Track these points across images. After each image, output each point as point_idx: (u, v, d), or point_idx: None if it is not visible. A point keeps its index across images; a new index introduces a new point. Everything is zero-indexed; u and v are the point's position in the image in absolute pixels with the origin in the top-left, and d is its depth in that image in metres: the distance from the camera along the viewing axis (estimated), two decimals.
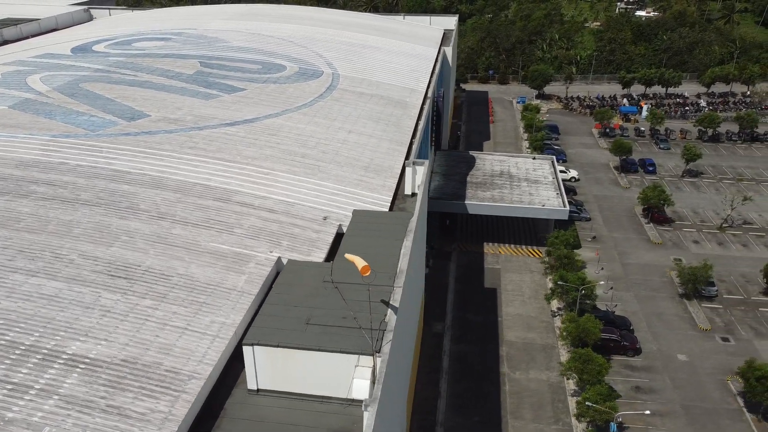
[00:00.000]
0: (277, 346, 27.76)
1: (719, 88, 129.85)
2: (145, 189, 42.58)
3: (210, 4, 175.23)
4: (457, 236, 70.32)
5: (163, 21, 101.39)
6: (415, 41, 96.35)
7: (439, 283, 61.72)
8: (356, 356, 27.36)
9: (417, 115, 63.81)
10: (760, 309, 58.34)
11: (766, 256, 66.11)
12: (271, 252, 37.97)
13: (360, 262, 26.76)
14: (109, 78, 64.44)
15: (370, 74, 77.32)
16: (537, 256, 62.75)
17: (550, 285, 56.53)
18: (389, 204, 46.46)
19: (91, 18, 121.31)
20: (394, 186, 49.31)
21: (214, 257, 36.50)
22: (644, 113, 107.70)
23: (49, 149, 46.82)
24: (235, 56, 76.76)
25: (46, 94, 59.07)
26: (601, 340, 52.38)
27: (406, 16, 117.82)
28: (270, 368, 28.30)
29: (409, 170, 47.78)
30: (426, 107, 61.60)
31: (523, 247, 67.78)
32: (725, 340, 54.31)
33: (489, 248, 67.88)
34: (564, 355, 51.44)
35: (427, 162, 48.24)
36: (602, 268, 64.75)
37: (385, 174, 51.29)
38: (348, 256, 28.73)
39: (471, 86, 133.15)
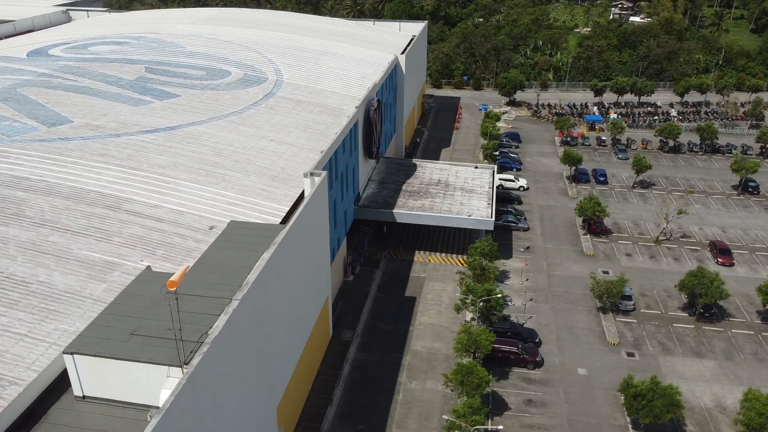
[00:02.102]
0: (95, 356, 28.93)
1: (695, 97, 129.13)
2: (37, 196, 43.97)
3: (194, 6, 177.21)
4: (390, 243, 71.08)
5: (131, 24, 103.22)
6: (377, 48, 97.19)
7: (361, 290, 62.56)
8: (166, 367, 28.42)
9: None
10: (673, 324, 58.46)
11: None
12: (141, 261, 39.19)
13: (177, 277, 27.70)
14: (49, 83, 65.96)
15: (316, 82, 78.35)
16: (465, 265, 63.33)
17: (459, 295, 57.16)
18: (284, 214, 47.47)
19: (69, 19, 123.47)
20: (296, 196, 50.31)
21: (81, 265, 37.80)
22: (621, 121, 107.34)
23: None
24: (183, 62, 78.17)
25: None
26: (501, 352, 53.06)
27: (376, 22, 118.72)
28: (92, 376, 29.49)
29: (307, 181, 48.74)
30: (351, 116, 62.44)
31: (453, 256, 68.37)
32: (630, 355, 54.56)
33: (419, 256, 68.54)
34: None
35: (324, 173, 49.15)
36: (527, 279, 65.22)
37: (292, 184, 52.31)
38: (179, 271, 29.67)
39: (445, 92, 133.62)
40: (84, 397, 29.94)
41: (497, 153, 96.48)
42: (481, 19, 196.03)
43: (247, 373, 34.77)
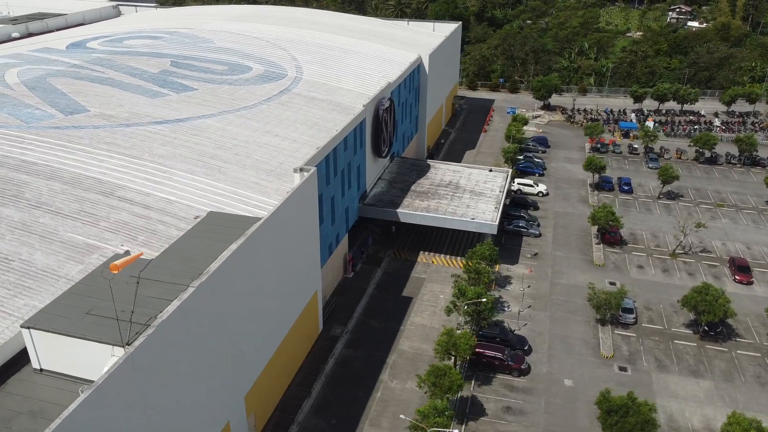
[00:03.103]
0: (49, 331, 30.59)
1: (744, 107, 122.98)
2: (39, 179, 46.55)
3: (236, 3, 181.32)
4: (396, 243, 71.24)
5: (171, 20, 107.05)
6: (405, 47, 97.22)
7: (359, 287, 63.00)
8: (110, 346, 29.76)
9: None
10: (675, 341, 56.17)
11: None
12: (121, 246, 40.97)
13: (120, 262, 28.99)
14: (78, 74, 69.43)
15: (335, 80, 79.29)
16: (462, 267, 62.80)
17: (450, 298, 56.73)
18: (274, 209, 48.36)
19: (119, 14, 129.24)
20: (287, 191, 51.14)
21: (63, 246, 39.87)
22: (655, 129, 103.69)
23: None
24: (208, 57, 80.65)
25: (11, 87, 64.51)
26: (486, 357, 52.40)
27: (410, 22, 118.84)
28: (47, 350, 31.21)
29: (296, 176, 49.65)
30: (356, 114, 62.99)
31: (457, 258, 67.90)
32: (623, 369, 52.80)
33: (423, 257, 68.38)
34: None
35: (313, 169, 49.95)
36: (528, 286, 64.04)
37: (286, 178, 53.23)
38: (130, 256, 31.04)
39: (479, 94, 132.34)
40: (41, 370, 31.70)
41: (521, 157, 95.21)
42: (530, 21, 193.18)
43: (207, 358, 35.79)
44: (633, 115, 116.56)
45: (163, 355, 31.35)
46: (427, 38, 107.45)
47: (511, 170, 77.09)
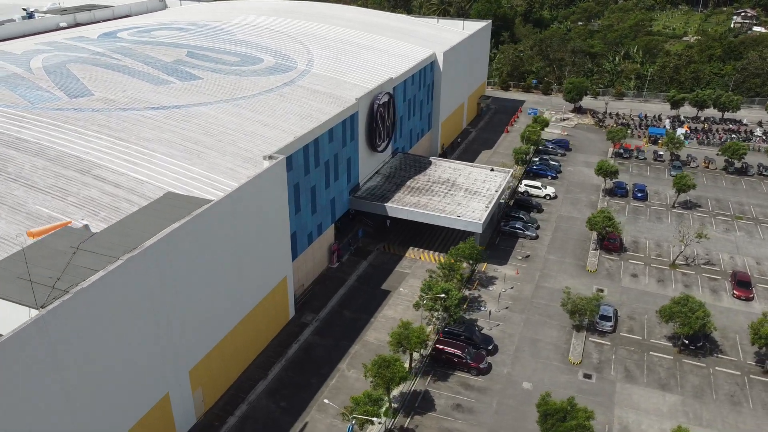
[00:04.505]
0: None
1: None
2: (25, 156, 49.89)
3: None
4: (388, 238, 71.63)
5: (205, 13, 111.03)
6: (427, 45, 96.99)
7: (340, 278, 63.77)
8: (27, 308, 31.92)
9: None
10: (650, 352, 53.93)
11: (701, 300, 60.59)
12: (81, 220, 43.44)
13: (37, 230, 31.10)
14: (97, 61, 73.46)
15: (343, 74, 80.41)
16: (469, 266, 62.46)
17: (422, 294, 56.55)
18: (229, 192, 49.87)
19: (164, 7, 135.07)
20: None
21: (27, 217, 42.68)
22: (680, 136, 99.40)
23: None
24: (224, 48, 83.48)
25: (32, 71, 69.06)
26: (445, 354, 52.05)
27: (439, 20, 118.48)
28: None
29: (266, 163, 51.04)
30: (346, 107, 63.81)
31: (444, 255, 67.58)
32: (587, 377, 51.16)
33: (412, 253, 68.41)
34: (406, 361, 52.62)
35: (282, 157, 51.22)
36: (511, 287, 62.97)
37: (262, 166, 54.71)
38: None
39: (510, 94, 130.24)
40: None
41: (537, 159, 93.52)
42: (581, 23, 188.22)
43: (139, 330, 37.52)
44: (667, 121, 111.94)
45: (82, 321, 33.25)
46: (452, 36, 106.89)
47: (513, 171, 75.80)
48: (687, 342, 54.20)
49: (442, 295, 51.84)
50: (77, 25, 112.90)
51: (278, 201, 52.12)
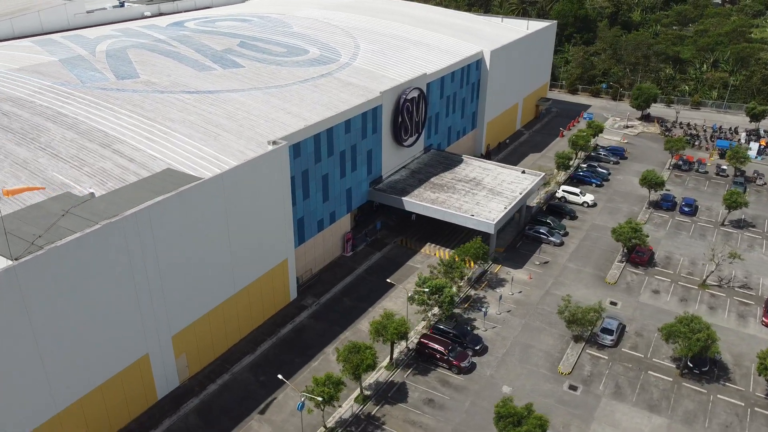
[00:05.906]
0: None
1: None
2: (60, 128, 55.03)
3: None
4: (409, 232, 71.99)
5: (275, 5, 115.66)
6: (482, 43, 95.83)
7: (350, 267, 64.90)
8: (6, 259, 35.73)
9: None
10: (649, 372, 50.85)
11: (722, 324, 56.56)
12: (90, 188, 47.49)
13: (11, 189, 34.78)
14: (155, 47, 79.00)
15: (383, 67, 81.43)
16: (470, 266, 61.99)
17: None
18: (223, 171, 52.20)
19: None
20: None
21: (43, 182, 47.24)
22: (747, 150, 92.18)
23: (36, 91, 61.83)
24: (275, 39, 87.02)
25: (95, 54, 75.45)
26: (429, 349, 51.80)
27: (504, 19, 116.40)
28: None
29: (270, 148, 53.26)
30: (370, 100, 64.85)
31: (451, 252, 67.00)
32: (573, 388, 49.11)
33: (428, 249, 68.32)
34: (396, 350, 53.08)
35: (284, 143, 53.23)
36: (520, 291, 61.43)
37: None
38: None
39: (578, 98, 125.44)
40: None
41: (585, 165, 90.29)
42: (675, 27, 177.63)
43: (116, 292, 40.68)
44: (743, 134, 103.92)
45: (55, 276, 36.70)
46: (509, 35, 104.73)
47: (546, 175, 73.75)
48: (692, 365, 50.88)
49: (426, 290, 51.82)
50: (160, 14, 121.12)
51: (279, 185, 54.16)
